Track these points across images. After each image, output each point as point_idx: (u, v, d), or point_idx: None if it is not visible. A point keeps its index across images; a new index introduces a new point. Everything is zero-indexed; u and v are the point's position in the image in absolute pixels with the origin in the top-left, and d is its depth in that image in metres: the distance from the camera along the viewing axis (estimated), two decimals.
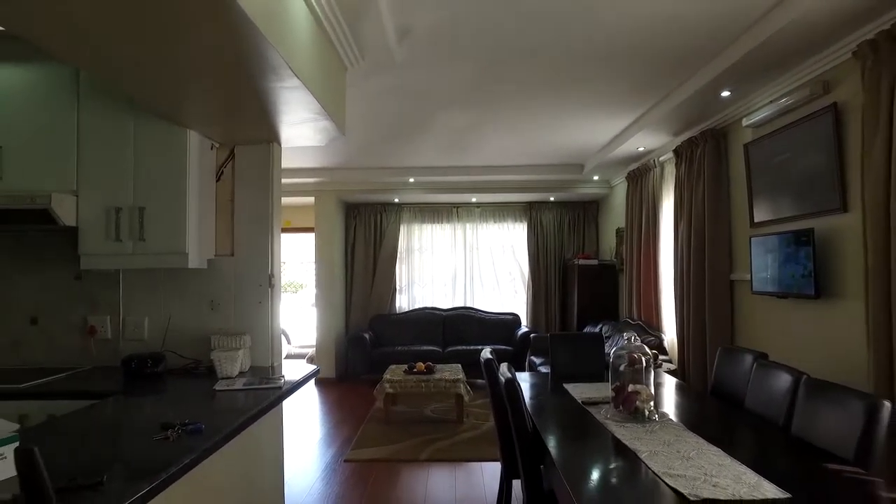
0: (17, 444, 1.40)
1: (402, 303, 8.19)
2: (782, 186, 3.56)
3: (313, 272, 7.32)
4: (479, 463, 4.18)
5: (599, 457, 2.07)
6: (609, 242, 7.42)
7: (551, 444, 2.18)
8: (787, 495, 1.61)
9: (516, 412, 2.39)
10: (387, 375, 5.39)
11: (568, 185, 7.29)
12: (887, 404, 1.90)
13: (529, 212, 8.11)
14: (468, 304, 8.10)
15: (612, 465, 1.96)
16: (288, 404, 3.55)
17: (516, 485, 3.04)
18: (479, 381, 6.24)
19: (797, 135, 3.39)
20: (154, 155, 2.73)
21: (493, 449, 4.41)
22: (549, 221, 8.09)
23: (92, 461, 1.55)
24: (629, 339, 2.67)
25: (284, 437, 3.16)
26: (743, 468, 1.83)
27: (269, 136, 3.02)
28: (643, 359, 2.59)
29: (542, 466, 2.38)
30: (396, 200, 7.95)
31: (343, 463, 4.20)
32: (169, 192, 2.73)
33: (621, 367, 2.61)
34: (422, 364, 5.54)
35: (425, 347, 7.09)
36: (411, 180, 7.14)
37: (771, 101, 3.57)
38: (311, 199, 7.49)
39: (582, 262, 7.24)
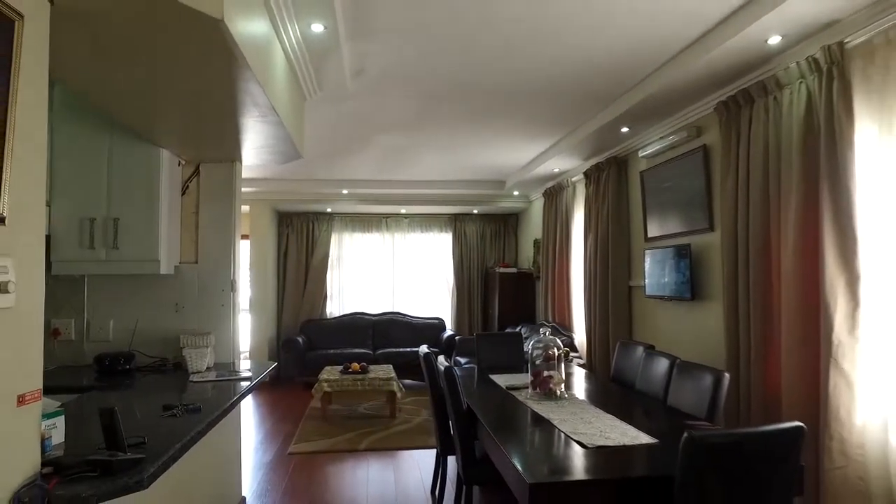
0: (62, 416, 1.73)
1: (333, 308, 8.52)
2: (669, 208, 4.31)
3: (248, 278, 7.50)
4: (414, 451, 4.65)
5: (522, 424, 2.62)
6: (527, 252, 8.14)
7: (483, 417, 2.70)
8: (656, 440, 2.22)
9: (454, 393, 2.89)
10: (323, 375, 5.74)
11: (490, 200, 7.93)
12: (727, 375, 2.58)
13: (454, 223, 8.70)
14: (396, 310, 8.55)
15: (531, 429, 2.51)
16: None
17: (450, 461, 3.54)
18: (407, 381, 6.71)
19: (679, 167, 4.14)
20: (129, 170, 3.01)
21: (425, 438, 4.89)
22: (472, 232, 8.72)
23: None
24: (545, 334, 3.25)
25: None
26: (628, 427, 2.43)
27: (233, 156, 3.37)
28: (556, 350, 3.18)
29: (475, 441, 2.89)
30: (329, 210, 8.28)
31: (288, 455, 4.53)
32: (143, 205, 3.02)
33: (538, 358, 3.18)
34: (356, 364, 5.93)
35: (356, 350, 7.47)
36: (345, 192, 7.52)
37: (660, 138, 4.32)
38: (246, 208, 7.68)
39: (502, 270, 7.91)
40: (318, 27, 2.64)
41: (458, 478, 3.30)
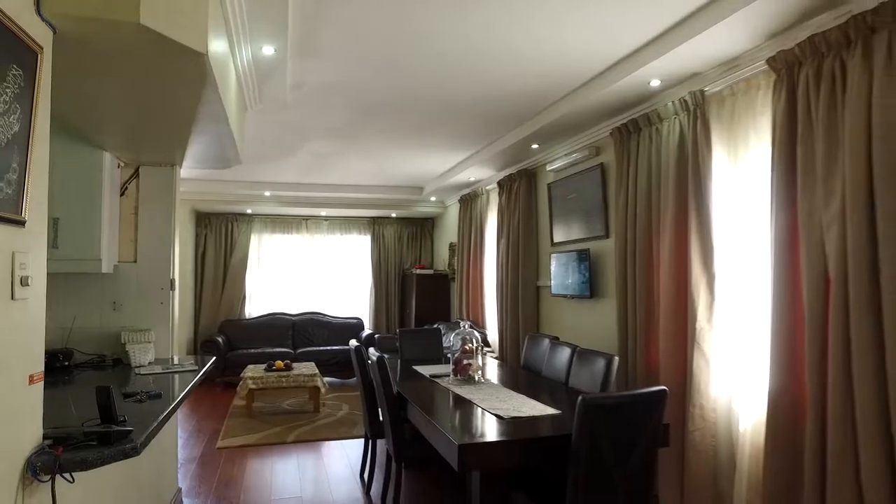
0: None
1: (252, 308, 8.55)
2: (572, 217, 4.90)
3: None
4: (341, 441, 4.93)
5: (447, 404, 3.02)
6: (443, 255, 8.60)
7: (413, 399, 3.08)
8: (559, 411, 2.70)
9: (385, 379, 3.25)
10: (248, 373, 5.88)
11: (408, 204, 8.32)
12: (617, 359, 3.13)
13: (373, 226, 9.01)
14: (316, 310, 8.72)
15: (456, 407, 2.92)
16: None
17: (379, 445, 3.88)
18: (328, 378, 6.94)
19: (581, 181, 4.73)
20: (70, 172, 3.10)
21: (349, 430, 5.19)
22: (390, 235, 9.07)
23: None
24: (464, 328, 3.69)
25: None
26: (537, 403, 2.90)
27: (173, 161, 3.53)
28: (474, 341, 3.62)
29: (405, 424, 3.26)
30: (249, 211, 8.32)
31: (217, 450, 4.67)
32: (84, 206, 3.13)
33: (457, 348, 3.61)
34: (280, 362, 6.11)
35: (277, 349, 7.58)
36: (267, 194, 7.63)
37: (565, 155, 4.89)
38: None
39: (419, 271, 8.32)
40: (269, 49, 2.91)
41: (387, 460, 3.66)
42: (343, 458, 4.51)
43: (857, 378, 2.23)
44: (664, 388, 2.26)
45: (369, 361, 3.63)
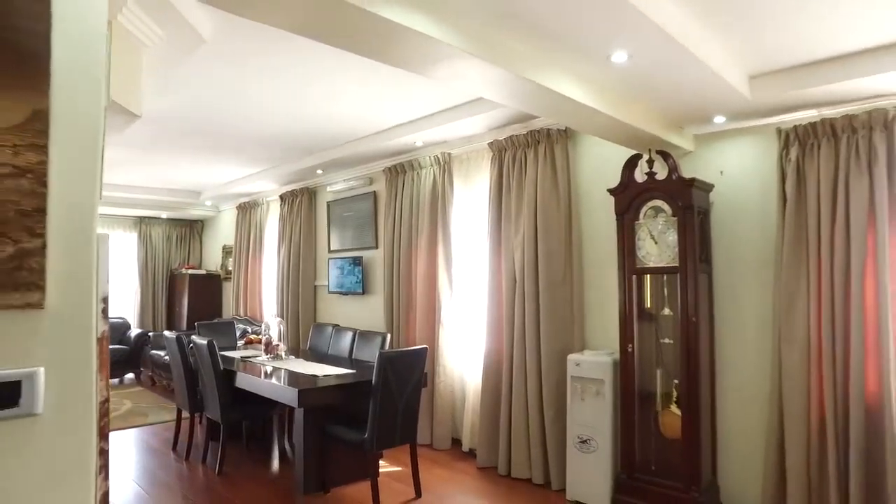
0: None
1: None
2: (348, 230, 6.13)
3: None
4: (140, 427, 5.34)
5: (262, 371, 4.00)
6: (215, 256, 9.03)
7: (242, 371, 3.97)
8: (354, 371, 3.92)
9: (214, 360, 4.05)
10: None
11: (182, 207, 8.57)
12: (389, 335, 4.48)
13: (140, 225, 8.95)
14: None
15: (280, 373, 3.93)
16: None
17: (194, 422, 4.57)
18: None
19: (357, 202, 6.00)
20: None
21: (139, 419, 5.59)
22: (157, 235, 9.11)
23: None
24: (266, 325, 4.66)
25: None
26: (336, 367, 4.07)
27: None
28: (270, 332, 4.63)
29: (231, 394, 4.10)
30: None
31: None
32: None
33: (263, 335, 4.57)
34: None
35: None
36: None
37: (344, 181, 6.11)
38: None
39: (191, 272, 8.64)
40: None
41: (207, 430, 4.42)
42: (147, 441, 4.99)
43: (527, 340, 3.95)
44: (426, 346, 3.66)
45: (190, 346, 4.34)
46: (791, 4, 2.19)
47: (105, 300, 1.18)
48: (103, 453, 1.20)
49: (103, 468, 1.20)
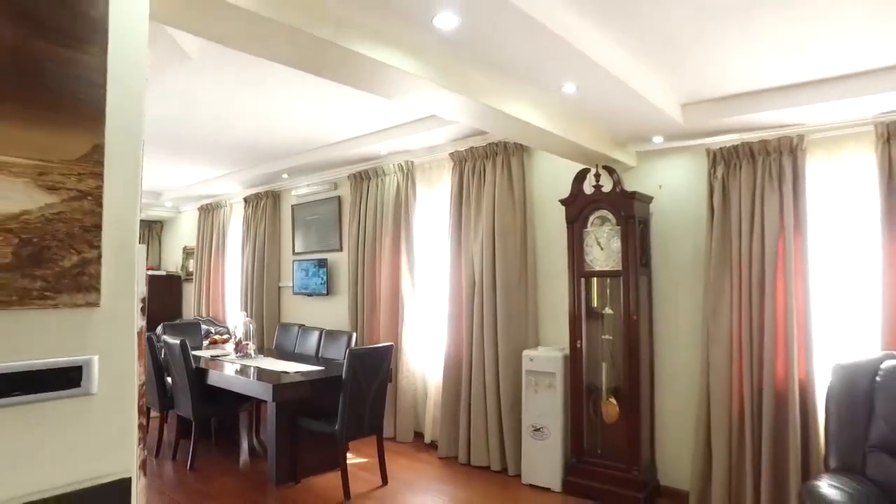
0: None
1: None
2: (312, 233, 6.32)
3: None
4: None
5: (233, 369, 4.18)
6: (175, 257, 9.02)
7: (215, 368, 4.14)
8: (322, 368, 4.15)
9: (187, 359, 4.21)
10: None
11: (142, 207, 8.52)
12: (354, 334, 4.72)
13: None
14: None
15: (253, 370, 4.12)
16: None
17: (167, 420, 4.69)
18: None
19: (321, 206, 6.20)
20: None
21: None
22: None
23: None
24: (234, 325, 4.83)
25: None
26: (304, 365, 4.29)
27: None
28: (237, 331, 4.80)
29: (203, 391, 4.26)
30: None
31: None
32: None
33: (232, 334, 4.74)
34: None
35: None
36: None
37: (308, 185, 6.30)
38: None
39: (150, 272, 8.61)
40: None
41: (176, 428, 4.55)
42: None
43: (485, 337, 4.26)
44: (391, 344, 3.93)
45: (160, 345, 4.47)
46: (711, 44, 2.58)
47: (143, 300, 1.42)
48: (141, 427, 1.43)
49: (141, 440, 1.43)
